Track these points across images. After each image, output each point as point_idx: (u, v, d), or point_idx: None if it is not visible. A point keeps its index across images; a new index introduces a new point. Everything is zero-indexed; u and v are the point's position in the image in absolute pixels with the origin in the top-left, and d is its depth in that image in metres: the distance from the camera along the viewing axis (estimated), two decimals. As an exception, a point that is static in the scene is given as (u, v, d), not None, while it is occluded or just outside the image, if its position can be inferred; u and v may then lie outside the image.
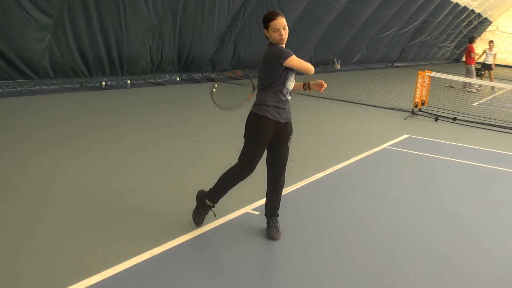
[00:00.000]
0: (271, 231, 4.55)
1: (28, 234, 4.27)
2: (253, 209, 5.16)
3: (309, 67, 4.34)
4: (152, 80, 13.99)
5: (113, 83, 12.80)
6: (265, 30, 4.33)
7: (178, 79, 14.80)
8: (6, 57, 10.28)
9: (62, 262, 3.86)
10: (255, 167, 4.46)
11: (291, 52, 4.26)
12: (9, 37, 10.14)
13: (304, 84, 4.54)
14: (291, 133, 4.52)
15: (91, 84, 12.22)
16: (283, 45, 4.34)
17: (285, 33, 4.26)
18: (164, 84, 13.84)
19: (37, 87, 11.01)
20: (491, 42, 20.53)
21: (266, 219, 4.67)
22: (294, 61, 4.25)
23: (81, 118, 8.84)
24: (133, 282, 3.67)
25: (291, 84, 4.39)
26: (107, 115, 9.48)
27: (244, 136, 4.45)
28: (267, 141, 4.40)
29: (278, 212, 4.66)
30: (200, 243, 4.38)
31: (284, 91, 4.36)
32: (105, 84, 12.54)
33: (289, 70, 4.33)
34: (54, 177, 5.72)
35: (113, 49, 12.45)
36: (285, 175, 4.59)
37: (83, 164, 6.27)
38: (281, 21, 4.23)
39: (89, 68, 12.18)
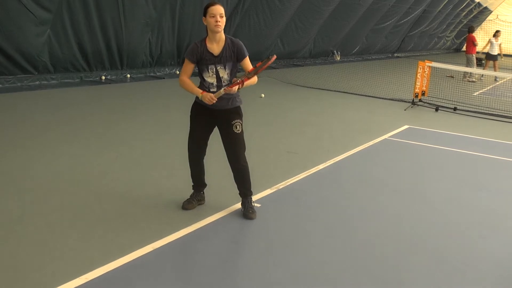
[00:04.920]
0: (246, 212, 4.78)
1: (30, 228, 4.29)
2: (254, 201, 5.17)
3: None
4: (151, 74, 14.00)
5: (113, 77, 12.81)
6: (203, 18, 4.48)
7: (177, 72, 14.78)
8: (5, 52, 10.30)
9: (64, 256, 3.88)
10: (196, 144, 4.79)
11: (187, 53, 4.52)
12: (8, 33, 10.15)
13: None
14: (233, 119, 4.65)
15: (90, 79, 12.23)
16: (218, 33, 4.45)
17: (221, 21, 4.40)
18: (163, 78, 13.84)
19: (37, 82, 11.03)
20: (498, 31, 20.23)
21: (241, 200, 4.87)
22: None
23: (81, 113, 8.85)
24: (136, 274, 3.69)
25: (208, 78, 4.54)
26: (107, 109, 9.49)
27: None
28: (200, 123, 4.72)
29: (251, 191, 4.87)
30: (202, 235, 4.40)
31: (205, 83, 4.58)
32: (105, 78, 12.55)
33: (202, 65, 4.51)
34: (55, 171, 5.74)
35: (112, 43, 12.45)
36: (246, 160, 4.75)
37: (84, 157, 6.29)
38: (219, 8, 4.41)
39: (89, 63, 12.18)
